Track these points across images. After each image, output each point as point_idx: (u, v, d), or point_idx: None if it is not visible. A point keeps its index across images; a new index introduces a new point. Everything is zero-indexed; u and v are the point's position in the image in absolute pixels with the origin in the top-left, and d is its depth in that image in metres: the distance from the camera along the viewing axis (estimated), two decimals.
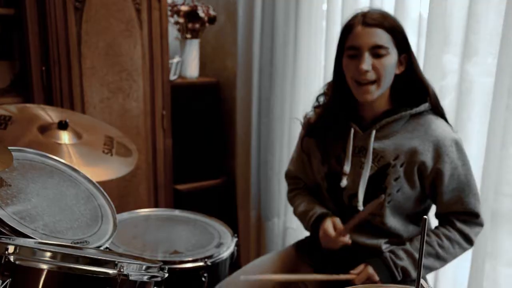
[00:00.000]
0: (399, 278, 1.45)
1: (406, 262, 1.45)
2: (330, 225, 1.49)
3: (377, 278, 1.43)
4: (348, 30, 1.43)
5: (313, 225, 1.56)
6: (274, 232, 2.59)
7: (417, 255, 1.44)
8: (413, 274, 1.43)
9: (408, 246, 1.47)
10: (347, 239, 1.47)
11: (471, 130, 1.70)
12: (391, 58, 1.41)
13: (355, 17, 1.43)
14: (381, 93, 1.44)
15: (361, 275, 1.44)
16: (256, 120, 2.58)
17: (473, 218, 1.47)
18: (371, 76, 1.40)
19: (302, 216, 1.64)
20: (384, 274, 1.44)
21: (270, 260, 1.68)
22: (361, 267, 1.46)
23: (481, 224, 1.49)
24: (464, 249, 1.49)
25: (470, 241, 1.48)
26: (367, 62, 1.39)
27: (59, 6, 2.10)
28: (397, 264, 1.44)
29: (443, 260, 1.47)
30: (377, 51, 1.39)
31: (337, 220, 1.51)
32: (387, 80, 1.43)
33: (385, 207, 1.47)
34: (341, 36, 1.46)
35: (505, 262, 1.64)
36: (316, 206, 1.60)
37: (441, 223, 1.51)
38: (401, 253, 1.46)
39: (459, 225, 1.47)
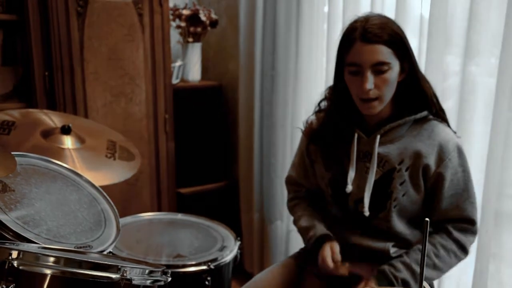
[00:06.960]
0: None
1: (405, 274, 1.43)
2: (329, 254, 1.47)
3: None
4: (347, 43, 1.40)
5: (313, 247, 1.54)
6: (278, 235, 2.58)
7: (415, 267, 1.42)
8: (413, 286, 1.41)
9: (405, 257, 1.45)
10: (344, 271, 1.45)
11: (473, 131, 1.69)
12: (393, 71, 1.39)
13: (354, 30, 1.39)
14: (384, 105, 1.44)
15: None
16: (258, 123, 2.58)
17: (469, 225, 1.47)
18: (374, 93, 1.39)
19: (302, 232, 1.63)
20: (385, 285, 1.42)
21: (270, 275, 1.63)
22: (362, 284, 1.42)
23: (475, 233, 1.49)
24: (459, 259, 1.48)
25: (465, 251, 1.48)
26: (369, 81, 1.37)
27: (62, 12, 2.11)
28: (396, 276, 1.42)
29: (439, 270, 1.45)
30: (379, 68, 1.37)
31: (336, 247, 1.49)
32: (390, 94, 1.43)
33: (391, 212, 1.46)
34: (340, 48, 1.44)
35: (509, 263, 1.63)
36: (316, 224, 1.58)
37: (437, 231, 1.49)
38: (400, 266, 1.44)
39: (456, 234, 1.46)
